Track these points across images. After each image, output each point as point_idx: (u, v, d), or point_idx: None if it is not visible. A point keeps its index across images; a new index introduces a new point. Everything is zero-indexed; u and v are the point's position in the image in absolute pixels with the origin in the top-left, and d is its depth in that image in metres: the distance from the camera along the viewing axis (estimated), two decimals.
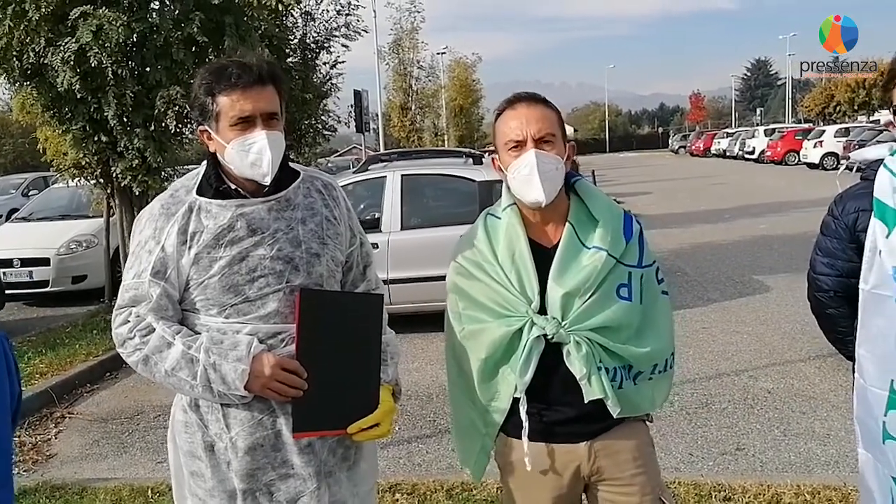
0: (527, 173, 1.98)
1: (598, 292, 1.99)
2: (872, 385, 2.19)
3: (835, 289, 2.35)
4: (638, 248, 2.11)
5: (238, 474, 1.95)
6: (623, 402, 2.00)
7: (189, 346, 1.89)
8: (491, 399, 2.09)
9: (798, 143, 33.08)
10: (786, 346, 6.59)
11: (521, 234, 2.05)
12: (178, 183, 2.04)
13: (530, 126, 1.99)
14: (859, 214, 2.25)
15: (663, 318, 2.15)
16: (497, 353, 2.02)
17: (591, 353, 1.96)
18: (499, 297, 2.03)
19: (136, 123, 7.81)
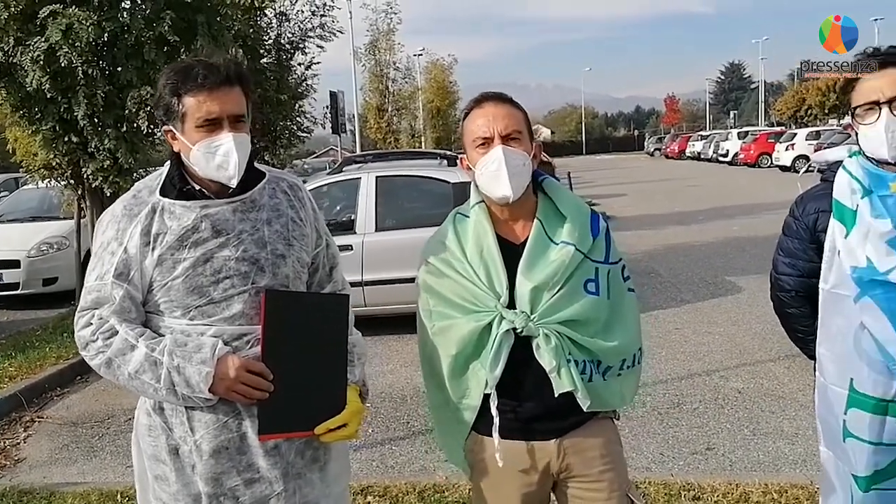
0: (494, 169, 2.02)
1: (566, 286, 2.02)
2: (832, 383, 2.23)
3: (796, 288, 2.39)
4: (605, 245, 2.15)
5: (203, 478, 1.93)
6: (592, 396, 2.03)
7: (152, 348, 1.87)
8: (462, 396, 2.10)
9: (770, 145, 33.49)
10: (756, 346, 6.67)
11: (489, 231, 2.07)
12: (141, 184, 2.02)
13: (497, 123, 2.03)
14: (819, 215, 2.29)
15: (630, 314, 2.19)
16: (467, 348, 2.04)
17: (560, 345, 1.99)
18: (468, 293, 2.05)
19: (107, 124, 7.72)
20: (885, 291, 2.08)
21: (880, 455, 2.16)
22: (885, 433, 2.14)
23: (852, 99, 2.19)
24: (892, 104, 2.08)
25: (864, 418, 2.15)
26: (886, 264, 2.07)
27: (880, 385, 2.12)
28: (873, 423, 2.14)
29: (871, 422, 2.14)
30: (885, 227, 2.08)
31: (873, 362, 2.12)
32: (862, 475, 2.19)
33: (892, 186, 2.10)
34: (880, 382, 2.12)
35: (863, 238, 2.12)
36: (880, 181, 2.12)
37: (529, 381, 2.03)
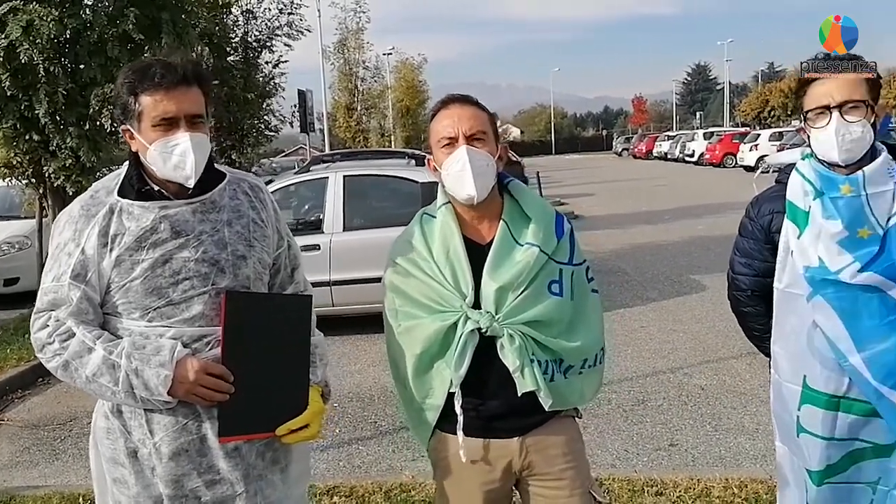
0: (459, 169, 2.04)
1: (530, 287, 2.05)
2: (787, 381, 2.29)
3: (752, 288, 2.44)
4: (569, 247, 2.18)
5: (163, 480, 1.92)
6: (554, 395, 2.06)
7: (110, 351, 1.85)
8: (425, 396, 2.12)
9: (735, 146, 33.99)
10: (719, 343, 6.78)
11: (455, 231, 2.10)
12: (99, 184, 1.99)
13: (462, 124, 2.06)
14: (773, 216, 2.34)
15: (593, 315, 2.22)
16: (432, 347, 2.06)
17: (524, 345, 2.02)
18: (433, 293, 2.07)
19: (69, 122, 7.60)
20: (836, 290, 2.13)
21: (832, 450, 2.21)
22: (836, 429, 2.20)
23: (804, 103, 2.24)
24: (842, 108, 2.13)
25: (817, 414, 2.21)
26: (837, 264, 2.13)
27: (832, 382, 2.18)
28: (826, 418, 2.20)
29: (823, 417, 2.20)
30: (835, 227, 2.13)
31: (825, 360, 2.18)
32: (815, 470, 2.25)
33: (842, 188, 2.15)
34: (832, 379, 2.18)
35: (815, 238, 2.17)
36: (831, 183, 2.17)
37: (493, 380, 2.06)
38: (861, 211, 2.14)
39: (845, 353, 2.13)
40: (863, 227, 2.13)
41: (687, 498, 3.77)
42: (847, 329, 2.13)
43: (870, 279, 2.11)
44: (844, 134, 2.12)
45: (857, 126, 2.13)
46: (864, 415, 2.17)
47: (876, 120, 2.18)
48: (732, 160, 33.43)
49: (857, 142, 2.13)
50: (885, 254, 2.11)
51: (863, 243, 2.13)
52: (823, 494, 2.26)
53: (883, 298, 2.12)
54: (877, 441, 2.19)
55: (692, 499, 3.76)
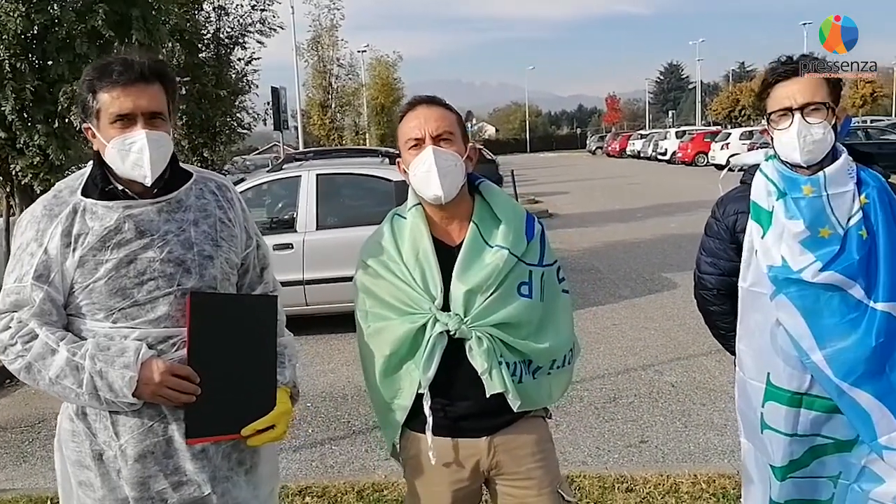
0: (425, 169, 2.05)
1: (499, 289, 2.06)
2: (751, 378, 2.33)
3: (717, 287, 2.48)
4: (539, 248, 2.19)
5: (129, 482, 1.90)
6: (522, 396, 2.08)
7: (74, 352, 1.83)
8: (394, 396, 2.13)
9: (707, 144, 34.33)
10: (690, 340, 6.86)
11: (424, 233, 2.10)
12: (62, 184, 1.97)
13: (428, 124, 2.07)
14: (738, 216, 2.37)
15: (563, 316, 2.23)
16: (401, 349, 2.07)
17: (492, 348, 2.03)
18: (403, 294, 2.07)
19: (36, 119, 7.48)
20: (798, 289, 2.17)
21: (795, 445, 2.26)
22: (799, 425, 2.24)
23: (767, 105, 2.28)
24: (803, 110, 2.17)
25: (780, 411, 2.25)
26: (800, 263, 2.17)
27: (795, 379, 2.22)
28: (789, 415, 2.24)
29: (786, 414, 2.24)
30: (797, 227, 2.17)
31: (788, 357, 2.22)
32: (778, 465, 2.29)
33: (804, 189, 2.19)
34: (795, 376, 2.22)
35: (778, 238, 2.21)
36: (793, 184, 2.21)
37: (462, 381, 2.07)
38: (822, 211, 2.18)
39: (807, 351, 2.17)
40: (824, 226, 2.17)
41: (656, 494, 3.82)
42: (809, 327, 2.17)
43: (831, 278, 2.15)
44: (806, 135, 2.16)
45: (819, 128, 2.17)
46: (826, 411, 2.22)
47: (837, 122, 2.22)
48: (704, 159, 33.75)
49: (818, 143, 2.17)
50: (845, 253, 2.16)
51: (824, 243, 2.17)
52: (787, 489, 2.31)
53: (843, 297, 2.16)
54: (837, 437, 2.24)
55: (661, 494, 3.81)
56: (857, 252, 2.15)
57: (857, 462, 2.25)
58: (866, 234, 2.17)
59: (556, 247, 2.28)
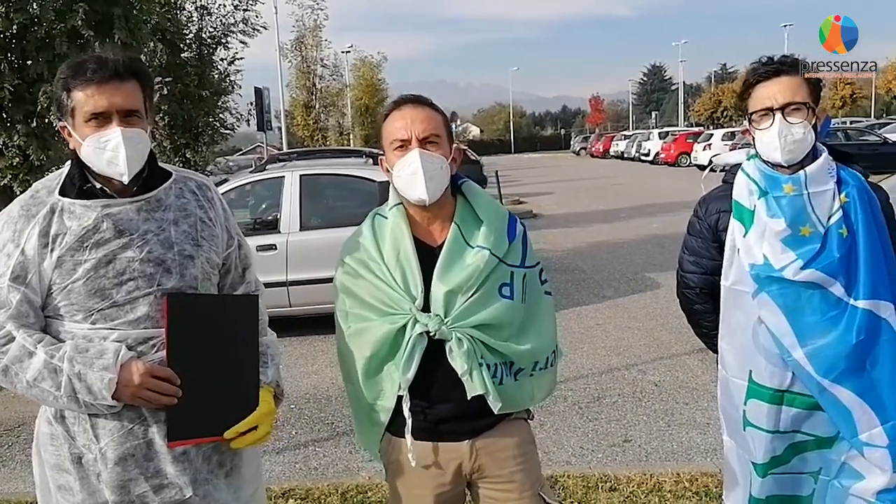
0: (411, 172, 2.03)
1: (480, 290, 2.05)
2: (733, 376, 2.34)
3: (700, 286, 2.49)
4: (521, 249, 2.17)
5: (109, 486, 1.88)
6: (504, 398, 2.06)
7: (52, 355, 1.81)
8: (376, 398, 2.11)
9: (689, 145, 34.52)
10: (673, 339, 6.90)
11: (405, 233, 2.08)
12: (40, 184, 1.95)
13: (415, 126, 2.04)
14: (720, 215, 2.39)
15: (546, 318, 2.22)
16: (382, 350, 2.05)
17: (472, 349, 2.01)
18: (383, 295, 2.06)
19: (16, 119, 7.40)
20: (780, 287, 2.19)
21: (777, 442, 2.27)
22: (780, 422, 2.26)
23: (748, 105, 2.30)
24: (784, 110, 2.19)
25: (762, 408, 2.27)
26: (781, 261, 2.19)
27: (776, 376, 2.24)
28: (770, 412, 2.26)
29: (768, 411, 2.26)
30: (779, 226, 2.19)
31: (770, 355, 2.23)
32: (760, 462, 2.30)
33: (785, 188, 2.21)
34: (776, 374, 2.24)
35: (760, 237, 2.23)
36: (775, 183, 2.23)
37: (443, 383, 2.05)
38: (803, 209, 2.20)
39: (789, 349, 2.19)
40: (805, 225, 2.19)
41: (640, 493, 3.83)
42: (790, 325, 2.19)
43: (811, 276, 2.17)
44: (787, 135, 2.18)
45: (799, 128, 2.19)
46: (807, 408, 2.23)
47: (817, 122, 2.24)
48: (687, 159, 33.94)
49: (799, 143, 2.19)
50: (825, 251, 2.18)
51: (805, 241, 2.19)
52: (768, 485, 2.32)
53: (824, 295, 2.18)
54: (818, 434, 2.26)
55: (644, 493, 3.82)
56: (838, 250, 2.17)
57: (837, 458, 2.27)
58: (846, 232, 2.19)
59: (541, 247, 2.27)
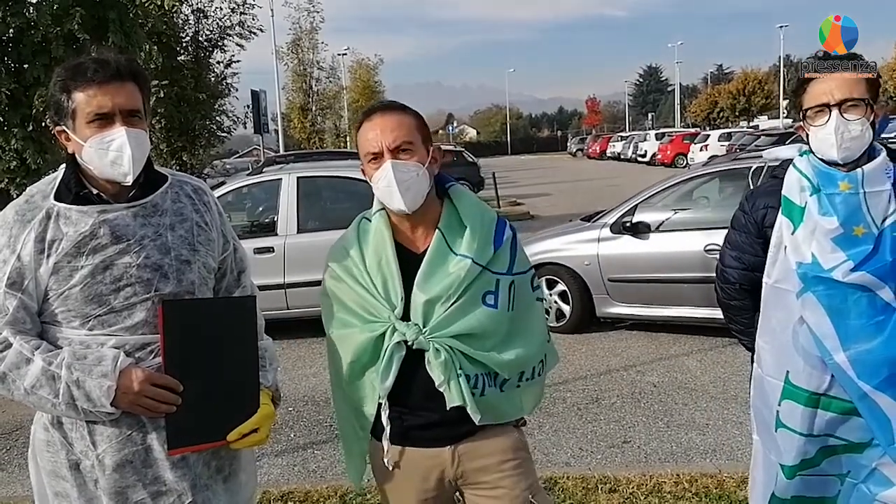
0: (385, 185, 1.99)
1: (461, 299, 2.00)
2: (769, 375, 2.29)
3: (740, 281, 2.44)
4: (509, 255, 2.11)
5: (107, 493, 1.87)
6: (486, 409, 2.02)
7: (50, 361, 1.79)
8: (360, 403, 2.10)
9: (686, 146, 34.58)
10: (671, 340, 6.90)
11: (387, 239, 2.05)
12: (34, 188, 1.93)
13: (385, 136, 1.99)
14: (768, 211, 2.33)
15: (536, 325, 2.16)
16: (363, 357, 2.03)
17: (450, 360, 1.97)
18: (365, 301, 2.03)
19: (13, 123, 7.42)
20: (826, 288, 2.14)
21: (809, 445, 2.23)
22: (815, 426, 2.21)
23: (803, 101, 2.23)
24: (841, 106, 2.14)
25: (797, 410, 2.22)
26: (830, 262, 2.13)
27: (814, 379, 2.19)
28: (805, 415, 2.21)
29: (803, 414, 2.21)
30: (831, 224, 2.14)
31: (809, 356, 2.18)
32: (790, 464, 2.26)
33: (841, 185, 2.15)
34: (814, 376, 2.18)
35: (809, 235, 2.17)
36: (830, 180, 2.17)
37: (422, 391, 2.01)
38: (858, 208, 2.14)
39: (831, 351, 2.14)
40: (858, 224, 2.14)
41: (639, 494, 3.83)
42: (834, 327, 2.14)
43: (861, 279, 2.11)
44: (844, 132, 2.13)
45: (857, 124, 2.13)
46: (842, 413, 2.19)
47: (875, 119, 2.18)
48: (683, 160, 33.98)
49: (856, 140, 2.14)
50: (878, 254, 2.12)
51: (857, 241, 2.13)
52: (795, 485, 2.29)
53: (872, 298, 2.13)
54: (850, 439, 2.22)
55: (644, 495, 3.82)
56: (891, 254, 2.12)
57: (867, 464, 2.23)
58: None
59: None
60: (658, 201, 7.30)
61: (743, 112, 56.94)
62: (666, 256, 6.80)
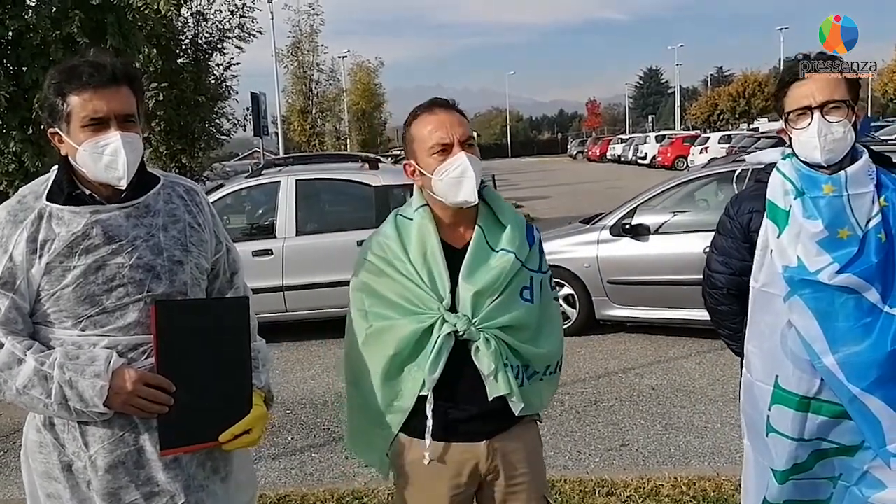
0: (457, 175, 2.03)
1: (504, 293, 2.07)
2: (758, 380, 2.29)
3: (727, 286, 2.44)
4: (538, 255, 2.21)
5: (99, 494, 1.86)
6: (523, 400, 2.08)
7: (42, 362, 1.79)
8: (393, 399, 2.10)
9: (686, 148, 34.58)
10: (670, 343, 6.89)
11: (433, 234, 2.09)
12: (26, 189, 1.93)
13: (455, 130, 2.06)
14: (753, 215, 2.32)
15: (556, 322, 2.26)
16: (405, 350, 2.05)
17: (499, 350, 2.03)
18: (409, 293, 2.06)
19: (11, 126, 7.43)
20: (813, 291, 2.14)
21: (801, 450, 2.22)
22: (806, 430, 2.20)
23: (784, 104, 2.23)
24: (823, 109, 2.13)
25: (788, 415, 2.21)
26: (816, 264, 2.13)
27: (804, 382, 2.18)
28: (795, 419, 2.20)
29: (793, 418, 2.20)
30: (815, 227, 2.14)
31: (798, 360, 2.18)
32: (781, 469, 2.25)
33: (824, 188, 2.15)
34: (804, 380, 2.18)
35: (794, 238, 2.17)
36: (813, 183, 2.17)
37: (464, 383, 2.06)
38: (842, 211, 2.14)
39: (819, 354, 2.13)
40: (843, 227, 2.14)
41: (637, 497, 3.82)
42: (822, 330, 2.13)
43: (847, 281, 2.11)
44: (826, 134, 2.13)
45: (839, 126, 2.13)
46: (833, 416, 2.18)
47: (856, 120, 2.18)
48: (683, 162, 33.96)
49: (839, 142, 2.14)
50: (863, 256, 2.12)
51: (842, 244, 2.13)
52: (787, 490, 2.28)
53: (858, 300, 2.12)
54: (842, 442, 2.21)
55: (642, 498, 3.81)
56: (876, 255, 2.12)
57: (859, 466, 2.22)
58: (885, 237, 2.13)
59: None
60: (658, 203, 7.29)
61: (743, 114, 57.01)
62: (666, 259, 6.79)
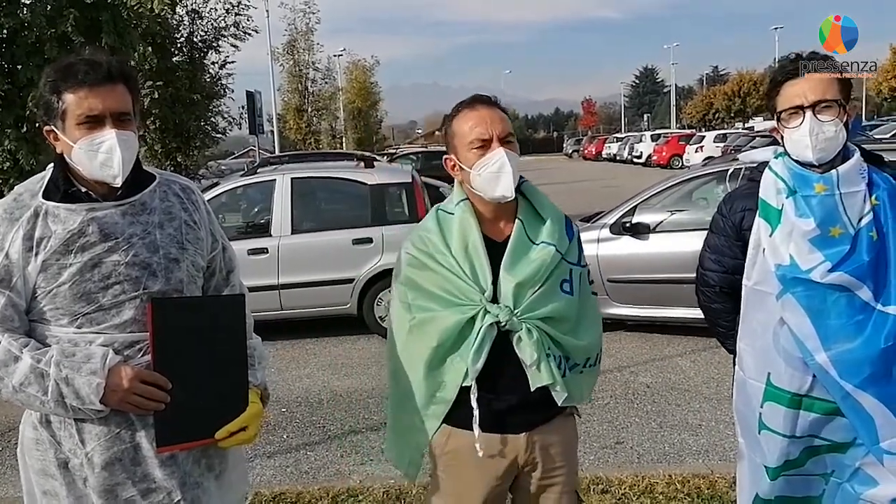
0: (496, 170, 2.08)
1: (545, 285, 2.11)
2: (751, 377, 2.31)
3: (720, 284, 2.45)
4: (577, 248, 2.25)
5: (96, 491, 1.87)
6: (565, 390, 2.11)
7: (38, 359, 1.79)
8: (436, 390, 2.13)
9: (681, 147, 34.64)
10: (665, 341, 6.91)
11: (474, 227, 2.13)
12: (22, 187, 1.93)
13: (495, 126, 2.10)
14: (745, 214, 2.34)
15: (595, 315, 2.29)
16: (448, 341, 2.08)
17: (541, 340, 2.06)
18: (451, 286, 2.09)
19: (6, 124, 7.41)
20: (805, 289, 2.16)
21: (792, 447, 2.24)
22: (798, 427, 2.22)
23: (777, 104, 2.25)
24: (815, 108, 2.15)
25: (780, 412, 2.23)
26: (808, 262, 2.15)
27: (796, 380, 2.20)
28: (788, 416, 2.22)
29: (785, 415, 2.22)
30: (808, 226, 2.15)
31: (790, 358, 2.20)
32: (773, 466, 2.27)
33: (816, 187, 2.17)
34: (796, 377, 2.20)
35: (787, 237, 2.19)
36: (805, 181, 2.19)
37: (506, 374, 2.09)
38: (834, 209, 2.16)
39: (812, 352, 2.15)
40: (835, 225, 2.15)
41: (631, 495, 3.83)
42: (815, 327, 2.15)
43: (839, 279, 2.13)
44: (818, 133, 2.15)
45: (831, 125, 2.15)
46: (825, 413, 2.20)
47: (848, 119, 2.19)
48: (679, 161, 34.02)
49: (830, 141, 2.16)
50: (855, 254, 2.14)
51: (834, 242, 2.15)
52: (778, 485, 2.30)
53: (850, 298, 2.14)
54: (834, 439, 2.23)
55: (636, 495, 3.82)
56: (867, 253, 2.13)
57: (850, 463, 2.24)
58: (876, 235, 2.15)
59: None
60: (657, 202, 7.31)
61: (738, 113, 57.18)
62: (665, 257, 6.79)
